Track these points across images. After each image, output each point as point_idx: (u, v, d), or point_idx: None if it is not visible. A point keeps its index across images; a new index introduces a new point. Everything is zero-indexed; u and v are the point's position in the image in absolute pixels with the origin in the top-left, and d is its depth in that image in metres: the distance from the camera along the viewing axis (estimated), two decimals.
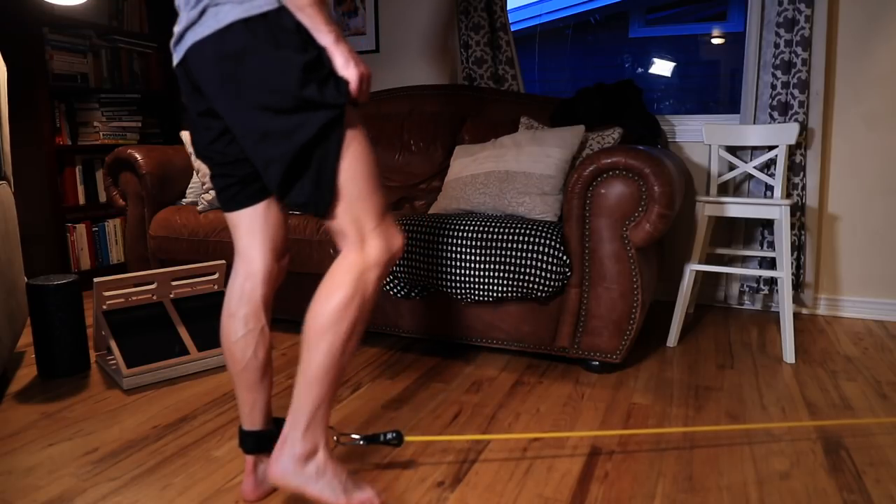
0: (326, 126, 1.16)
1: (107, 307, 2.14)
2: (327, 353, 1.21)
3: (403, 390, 1.99)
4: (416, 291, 2.23)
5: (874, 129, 2.64)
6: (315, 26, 1.15)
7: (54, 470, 1.52)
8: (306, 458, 1.24)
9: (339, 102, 1.16)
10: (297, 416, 1.24)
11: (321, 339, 1.21)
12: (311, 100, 1.14)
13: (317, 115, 1.15)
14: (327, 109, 1.15)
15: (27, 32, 3.03)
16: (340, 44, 1.17)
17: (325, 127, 1.16)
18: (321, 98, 1.14)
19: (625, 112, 2.65)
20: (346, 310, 1.20)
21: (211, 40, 1.14)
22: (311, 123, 1.15)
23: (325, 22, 1.15)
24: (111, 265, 3.51)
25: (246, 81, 1.14)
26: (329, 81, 1.16)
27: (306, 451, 1.24)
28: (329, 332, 1.20)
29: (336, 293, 1.20)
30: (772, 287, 2.79)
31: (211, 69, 1.15)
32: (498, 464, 1.53)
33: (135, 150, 2.83)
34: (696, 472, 1.49)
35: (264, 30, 1.13)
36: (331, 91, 1.15)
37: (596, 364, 2.11)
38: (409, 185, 2.87)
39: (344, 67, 1.17)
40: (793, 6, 2.56)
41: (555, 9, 4.71)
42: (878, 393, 1.94)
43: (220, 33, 1.13)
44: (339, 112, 1.17)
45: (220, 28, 1.13)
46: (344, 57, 1.17)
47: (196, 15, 1.15)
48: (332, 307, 1.20)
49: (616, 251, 1.98)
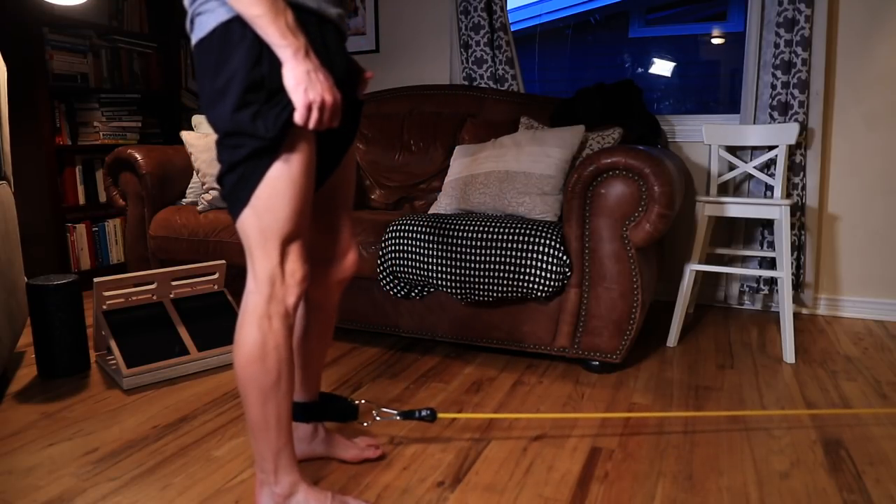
0: (255, 153, 1.09)
1: (107, 307, 2.14)
2: (259, 402, 1.18)
3: (403, 390, 1.99)
4: (416, 291, 2.23)
5: (874, 129, 2.64)
6: (269, 39, 1.04)
7: (54, 470, 1.52)
8: (287, 496, 1.24)
9: (268, 135, 1.06)
10: (262, 463, 1.23)
11: (250, 392, 1.18)
12: (242, 126, 1.07)
13: (248, 141, 1.08)
14: (258, 139, 1.07)
15: (27, 32, 3.03)
16: (297, 61, 1.05)
17: (253, 153, 1.09)
18: (252, 128, 1.06)
19: (625, 112, 2.65)
20: (261, 359, 1.16)
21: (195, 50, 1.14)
22: (245, 147, 1.09)
23: (281, 35, 1.04)
24: (111, 265, 3.51)
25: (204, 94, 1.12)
26: (274, 105, 1.07)
27: (285, 492, 1.24)
28: (253, 382, 1.17)
29: (246, 342, 1.16)
30: (772, 287, 2.79)
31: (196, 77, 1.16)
32: (498, 464, 1.53)
33: (135, 150, 2.83)
34: (696, 472, 1.49)
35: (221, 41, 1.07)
36: (266, 119, 1.06)
37: (596, 364, 2.11)
38: (409, 185, 2.87)
39: (293, 90, 1.05)
40: (793, 6, 2.56)
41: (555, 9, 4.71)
42: (878, 393, 1.94)
43: (197, 45, 1.13)
44: (270, 143, 1.08)
45: (197, 41, 1.13)
46: (296, 77, 1.05)
47: (188, 24, 1.16)
48: (246, 358, 1.16)
49: (616, 251, 1.98)
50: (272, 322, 1.16)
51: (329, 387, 2.02)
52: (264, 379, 1.16)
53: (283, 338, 1.17)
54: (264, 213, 1.12)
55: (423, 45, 3.34)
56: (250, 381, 1.17)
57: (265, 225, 1.13)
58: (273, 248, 1.14)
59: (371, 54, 3.46)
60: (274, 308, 1.16)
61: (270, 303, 1.15)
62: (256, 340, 1.15)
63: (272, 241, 1.14)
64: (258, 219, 1.13)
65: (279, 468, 1.23)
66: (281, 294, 1.16)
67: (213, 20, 1.09)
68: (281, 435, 1.21)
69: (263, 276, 1.15)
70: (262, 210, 1.12)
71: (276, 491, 1.23)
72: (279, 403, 1.19)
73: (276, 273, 1.15)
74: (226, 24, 1.07)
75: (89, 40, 3.39)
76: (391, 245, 2.19)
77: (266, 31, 1.04)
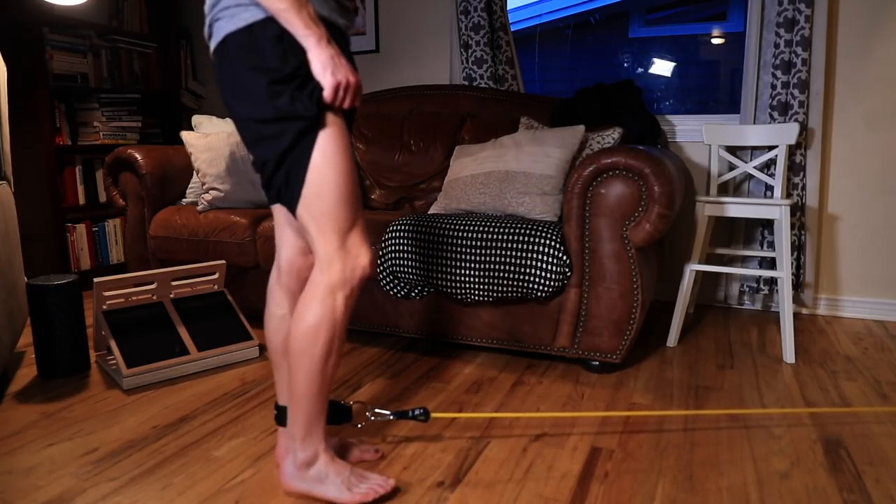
0: (300, 134, 1.19)
1: (107, 307, 2.14)
2: (308, 373, 1.28)
3: (403, 390, 1.99)
4: (416, 291, 2.23)
5: (874, 129, 2.64)
6: (294, 30, 1.16)
7: (54, 470, 1.52)
8: (308, 464, 1.34)
9: (308, 114, 1.18)
10: (293, 429, 1.33)
11: (300, 361, 1.28)
12: (283, 111, 1.17)
13: (293, 125, 1.19)
14: (300, 120, 1.18)
15: (27, 32, 3.03)
16: (321, 48, 1.16)
17: (298, 135, 1.20)
18: (292, 109, 1.17)
19: (625, 112, 2.65)
20: (317, 332, 1.25)
21: (215, 54, 1.23)
22: (289, 131, 1.19)
23: (305, 25, 1.15)
24: (111, 265, 3.51)
25: (234, 95, 1.21)
26: (305, 90, 1.17)
27: (307, 459, 1.34)
28: (305, 354, 1.27)
29: (307, 316, 1.25)
30: (772, 287, 2.79)
31: (217, 80, 1.25)
32: (498, 464, 1.53)
33: (135, 150, 2.83)
34: (696, 472, 1.49)
35: (247, 42, 1.18)
36: (303, 101, 1.17)
37: (596, 364, 2.11)
38: (409, 185, 2.87)
39: (321, 74, 1.17)
40: (793, 6, 2.56)
41: (555, 9, 4.71)
42: (878, 393, 1.94)
43: (218, 48, 1.22)
44: (311, 122, 1.19)
45: (216, 45, 1.23)
46: (321, 62, 1.17)
47: (207, 30, 1.25)
48: (304, 331, 1.26)
49: (616, 251, 1.98)
50: (336, 299, 1.25)
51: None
52: (316, 351, 1.26)
53: (343, 316, 1.27)
54: (316, 201, 1.22)
55: (423, 45, 3.34)
56: (304, 351, 1.26)
57: (320, 211, 1.22)
58: (331, 233, 1.23)
59: (371, 54, 3.46)
60: (339, 287, 1.25)
61: (335, 282, 1.25)
62: (318, 314, 1.24)
63: (328, 225, 1.23)
64: (313, 207, 1.22)
65: (307, 435, 1.33)
66: (347, 275, 1.25)
67: (234, 24, 1.18)
68: (318, 404, 1.31)
69: (326, 258, 1.24)
70: (314, 198, 1.22)
71: (299, 456, 1.34)
72: (325, 376, 1.29)
73: (337, 256, 1.24)
74: (249, 27, 1.18)
75: (89, 40, 3.39)
76: (391, 245, 2.19)
77: (292, 22, 1.15)
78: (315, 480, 1.34)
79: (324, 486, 1.34)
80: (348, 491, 1.33)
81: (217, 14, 1.22)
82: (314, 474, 1.34)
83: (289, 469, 1.36)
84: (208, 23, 1.24)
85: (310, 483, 1.34)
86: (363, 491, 1.34)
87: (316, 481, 1.34)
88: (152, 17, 3.77)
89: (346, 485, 1.34)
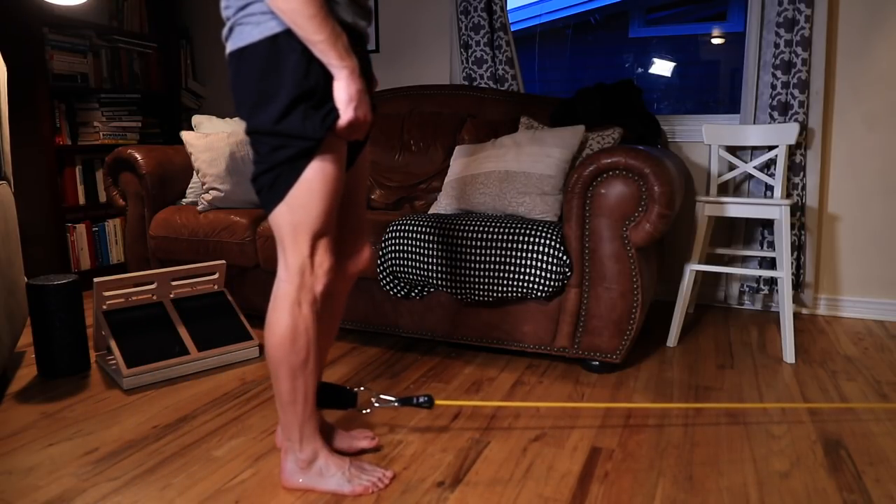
0: (301, 153, 1.21)
1: (107, 307, 2.14)
2: (290, 381, 1.32)
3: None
4: (416, 291, 2.23)
5: (874, 129, 2.64)
6: (328, 61, 1.16)
7: (54, 470, 1.52)
8: (309, 462, 1.39)
9: (315, 136, 1.19)
10: (288, 433, 1.38)
11: (280, 370, 1.31)
12: (292, 127, 1.18)
13: (297, 142, 1.20)
14: (305, 140, 1.19)
15: (27, 32, 3.03)
16: (351, 81, 1.17)
17: (299, 153, 1.21)
18: (301, 128, 1.18)
19: (625, 112, 2.65)
20: (293, 341, 1.29)
21: (232, 57, 1.23)
22: (291, 147, 1.20)
23: (339, 57, 1.16)
24: (111, 265, 3.51)
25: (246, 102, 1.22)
26: (320, 110, 1.19)
27: (308, 458, 1.39)
28: (284, 363, 1.30)
29: (277, 328, 1.29)
30: (772, 287, 2.79)
31: (232, 82, 1.25)
32: (498, 464, 1.53)
33: (135, 150, 2.83)
34: (696, 472, 1.49)
35: (269, 53, 1.18)
36: (313, 122, 1.18)
37: (596, 364, 2.11)
38: (408, 185, 2.87)
39: (344, 106, 1.19)
40: (793, 6, 2.56)
41: (555, 9, 4.71)
42: (878, 393, 1.94)
43: (238, 53, 1.21)
44: (315, 144, 1.20)
45: (236, 49, 1.22)
46: (348, 95, 1.18)
47: (227, 31, 1.24)
48: (279, 342, 1.29)
49: (616, 251, 1.98)
50: (302, 308, 1.28)
51: None
52: (294, 359, 1.30)
53: (311, 322, 1.29)
54: (298, 210, 1.24)
55: (423, 45, 3.34)
56: (281, 360, 1.30)
57: (298, 220, 1.24)
58: (304, 242, 1.26)
59: (371, 54, 3.46)
60: (304, 295, 1.28)
61: (301, 291, 1.28)
62: (287, 325, 1.28)
63: (304, 235, 1.26)
64: (292, 215, 1.24)
65: (303, 437, 1.37)
66: (310, 283, 1.29)
67: (260, 32, 1.18)
68: (306, 408, 1.35)
69: (294, 267, 1.27)
70: (296, 207, 1.23)
71: (299, 457, 1.38)
72: (306, 381, 1.32)
73: (307, 264, 1.27)
74: (274, 37, 1.17)
75: (89, 40, 3.39)
76: (391, 245, 2.19)
77: (327, 54, 1.16)
78: (316, 475, 1.38)
79: (325, 480, 1.38)
80: (349, 483, 1.38)
81: (241, 19, 1.20)
82: (316, 470, 1.38)
83: (290, 467, 1.40)
84: (229, 25, 1.23)
85: (311, 478, 1.39)
86: (364, 482, 1.39)
87: (317, 476, 1.38)
88: (152, 17, 3.77)
89: (347, 477, 1.39)
